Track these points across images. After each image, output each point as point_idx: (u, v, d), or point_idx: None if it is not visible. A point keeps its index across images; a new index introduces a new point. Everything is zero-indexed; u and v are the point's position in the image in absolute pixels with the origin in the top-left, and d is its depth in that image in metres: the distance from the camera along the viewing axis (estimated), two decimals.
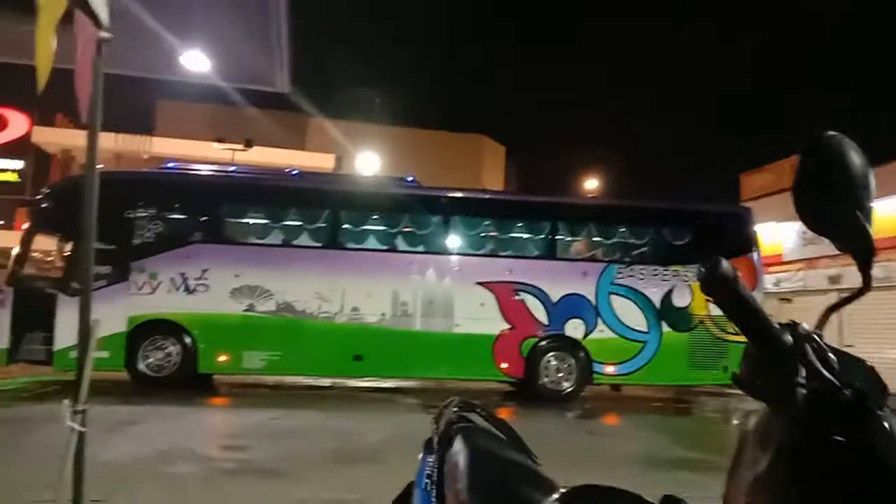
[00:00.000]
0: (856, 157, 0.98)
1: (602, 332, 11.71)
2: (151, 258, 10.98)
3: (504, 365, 11.57)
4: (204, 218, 11.59)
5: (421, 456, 1.92)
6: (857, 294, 1.02)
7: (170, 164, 12.44)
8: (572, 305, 11.75)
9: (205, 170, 12.36)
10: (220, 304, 10.99)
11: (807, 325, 0.97)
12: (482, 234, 12.30)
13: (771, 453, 0.92)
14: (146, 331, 10.83)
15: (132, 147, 25.68)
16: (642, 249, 12.40)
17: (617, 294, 11.76)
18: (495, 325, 11.57)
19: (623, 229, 12.43)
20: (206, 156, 22.04)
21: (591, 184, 32.36)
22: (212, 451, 6.61)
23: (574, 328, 11.72)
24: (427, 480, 1.78)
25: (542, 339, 11.67)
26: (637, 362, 11.70)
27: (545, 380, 11.63)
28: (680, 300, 11.61)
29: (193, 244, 11.23)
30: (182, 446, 6.51)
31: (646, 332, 11.66)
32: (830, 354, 0.92)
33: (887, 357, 14.63)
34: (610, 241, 12.53)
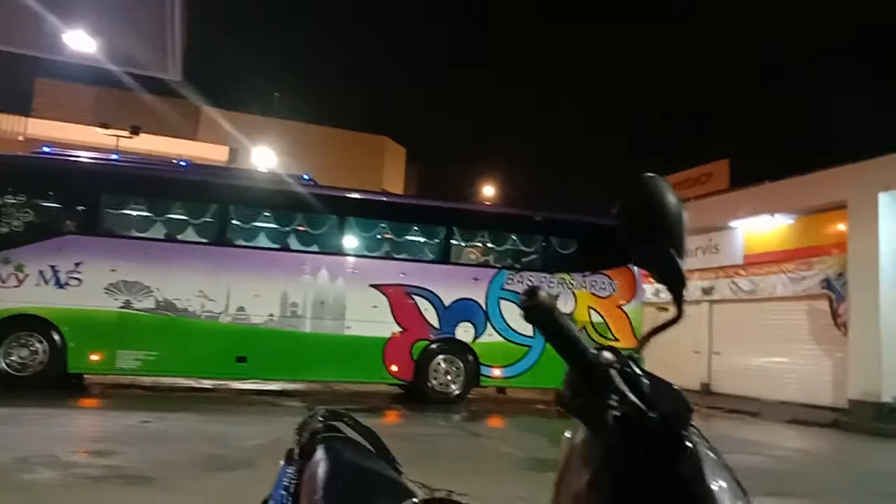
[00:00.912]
0: (671, 198, 1.05)
1: (490, 335, 11.98)
2: (19, 248, 10.21)
3: (394, 368, 11.59)
4: (80, 208, 10.91)
5: (281, 466, 1.88)
6: (672, 321, 1.09)
7: (46, 149, 11.61)
8: (463, 310, 11.95)
9: (84, 156, 11.62)
10: (93, 300, 10.35)
11: (609, 354, 1.00)
12: (377, 236, 12.28)
13: (590, 471, 0.97)
14: (10, 326, 10.05)
15: (6, 127, 23.80)
16: (531, 257, 12.80)
17: (506, 299, 12.04)
18: (387, 327, 11.58)
19: (514, 237, 12.79)
20: (89, 141, 20.71)
21: (489, 191, 33.00)
22: (76, 456, 6.21)
23: (464, 332, 11.92)
24: (284, 492, 1.74)
25: (433, 342, 11.79)
26: (522, 366, 12.05)
27: (434, 382, 11.74)
28: (564, 307, 12.00)
29: (67, 235, 10.55)
30: (43, 451, 6.08)
31: (531, 338, 11.97)
32: (643, 379, 0.98)
33: (752, 364, 15.75)
34: (501, 248, 12.88)
